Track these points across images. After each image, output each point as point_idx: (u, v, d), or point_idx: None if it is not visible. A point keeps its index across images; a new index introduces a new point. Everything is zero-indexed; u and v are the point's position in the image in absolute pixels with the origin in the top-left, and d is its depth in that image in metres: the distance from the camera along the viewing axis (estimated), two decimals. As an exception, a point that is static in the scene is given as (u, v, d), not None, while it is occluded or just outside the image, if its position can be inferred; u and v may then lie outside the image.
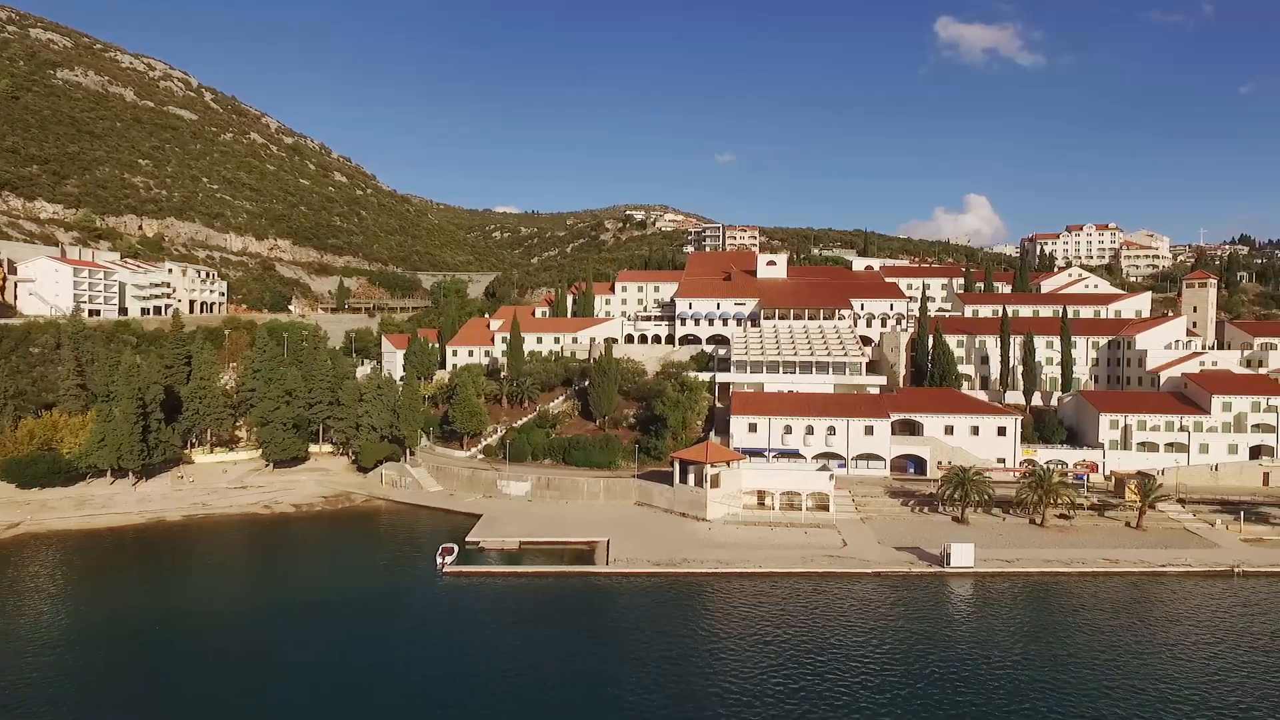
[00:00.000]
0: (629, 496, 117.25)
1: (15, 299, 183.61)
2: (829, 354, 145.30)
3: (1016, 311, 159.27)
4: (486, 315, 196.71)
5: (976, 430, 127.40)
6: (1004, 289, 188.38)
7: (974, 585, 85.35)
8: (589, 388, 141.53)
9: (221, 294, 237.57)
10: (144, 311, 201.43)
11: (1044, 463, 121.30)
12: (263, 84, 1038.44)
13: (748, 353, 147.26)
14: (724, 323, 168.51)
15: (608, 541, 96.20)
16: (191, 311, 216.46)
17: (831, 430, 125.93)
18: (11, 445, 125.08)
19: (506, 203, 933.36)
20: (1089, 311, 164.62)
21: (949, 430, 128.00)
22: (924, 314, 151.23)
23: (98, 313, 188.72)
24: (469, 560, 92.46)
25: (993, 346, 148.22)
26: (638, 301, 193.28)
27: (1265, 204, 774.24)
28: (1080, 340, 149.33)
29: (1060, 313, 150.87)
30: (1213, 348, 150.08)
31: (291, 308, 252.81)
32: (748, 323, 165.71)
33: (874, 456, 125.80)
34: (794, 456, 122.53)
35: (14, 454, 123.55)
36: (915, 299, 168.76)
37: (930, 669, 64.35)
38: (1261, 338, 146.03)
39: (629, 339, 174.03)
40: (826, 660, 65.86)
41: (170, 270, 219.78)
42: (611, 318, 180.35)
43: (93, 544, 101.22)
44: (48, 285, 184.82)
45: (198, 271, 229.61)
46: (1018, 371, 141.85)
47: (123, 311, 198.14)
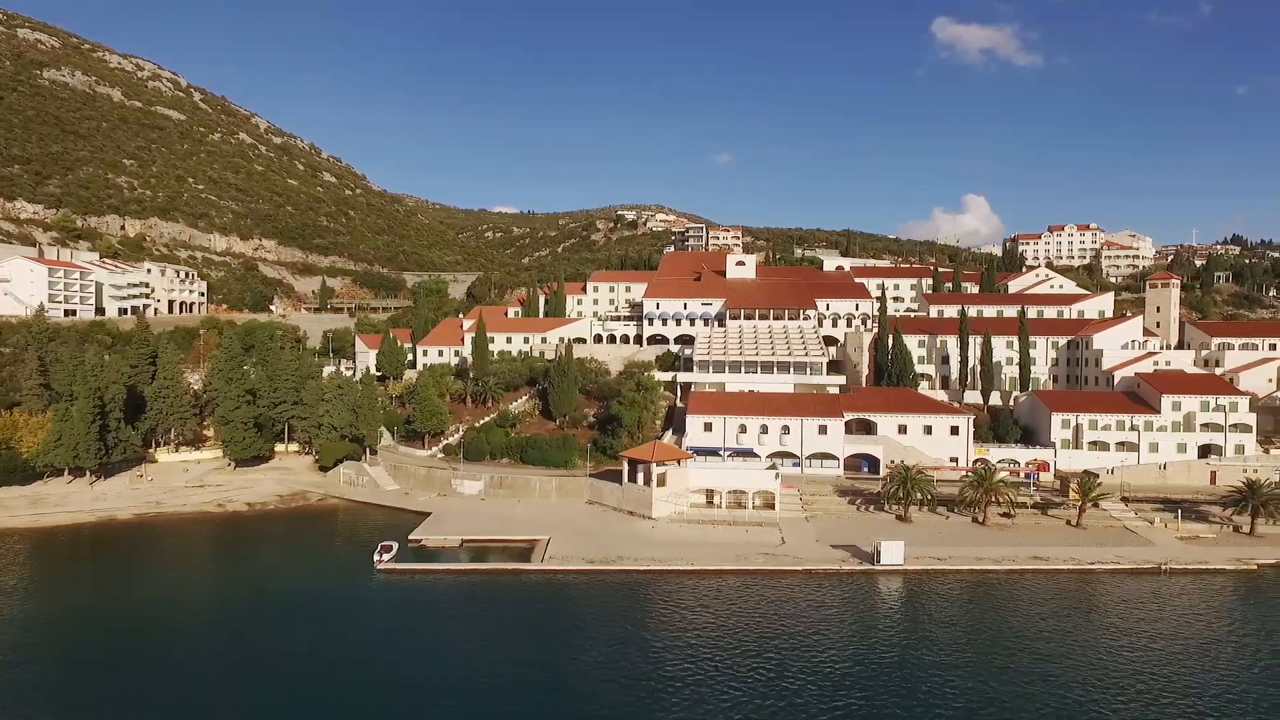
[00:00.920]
0: (580, 495, 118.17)
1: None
2: (790, 354, 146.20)
3: (981, 312, 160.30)
4: (461, 315, 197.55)
5: (929, 430, 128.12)
6: (973, 289, 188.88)
7: (903, 582, 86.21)
8: (549, 387, 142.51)
9: (201, 294, 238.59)
10: (121, 311, 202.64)
11: (996, 462, 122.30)
12: (262, 84, 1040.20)
13: (710, 353, 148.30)
14: (691, 323, 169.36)
15: (548, 540, 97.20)
16: (171, 311, 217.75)
17: (786, 430, 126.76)
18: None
19: (505, 203, 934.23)
20: (1053, 312, 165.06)
21: (902, 430, 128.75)
22: (884, 314, 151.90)
23: (74, 313, 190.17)
24: (407, 558, 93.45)
25: (953, 347, 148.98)
26: (609, 302, 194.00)
27: (1263, 204, 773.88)
28: (1040, 340, 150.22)
29: (1021, 312, 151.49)
30: (1172, 347, 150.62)
31: (273, 308, 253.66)
32: (714, 323, 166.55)
33: (828, 456, 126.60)
34: (749, 456, 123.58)
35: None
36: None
37: (841, 667, 65.13)
38: (1219, 338, 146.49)
39: (598, 339, 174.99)
40: (729, 657, 66.69)
41: (149, 270, 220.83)
42: (582, 318, 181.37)
43: (44, 542, 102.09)
44: (23, 285, 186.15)
45: (177, 271, 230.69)
46: (976, 371, 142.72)
47: (100, 311, 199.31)
